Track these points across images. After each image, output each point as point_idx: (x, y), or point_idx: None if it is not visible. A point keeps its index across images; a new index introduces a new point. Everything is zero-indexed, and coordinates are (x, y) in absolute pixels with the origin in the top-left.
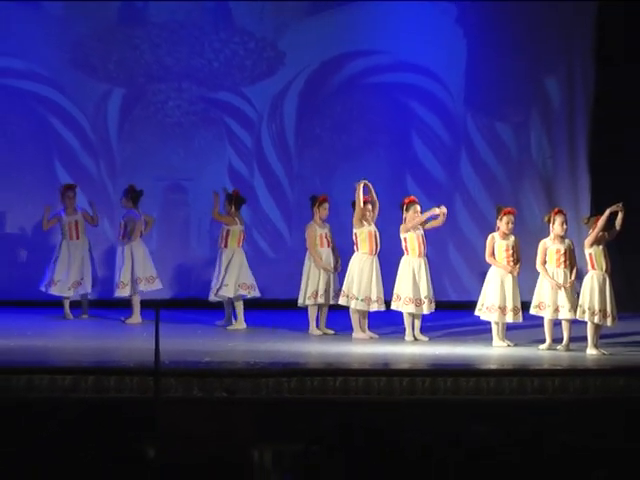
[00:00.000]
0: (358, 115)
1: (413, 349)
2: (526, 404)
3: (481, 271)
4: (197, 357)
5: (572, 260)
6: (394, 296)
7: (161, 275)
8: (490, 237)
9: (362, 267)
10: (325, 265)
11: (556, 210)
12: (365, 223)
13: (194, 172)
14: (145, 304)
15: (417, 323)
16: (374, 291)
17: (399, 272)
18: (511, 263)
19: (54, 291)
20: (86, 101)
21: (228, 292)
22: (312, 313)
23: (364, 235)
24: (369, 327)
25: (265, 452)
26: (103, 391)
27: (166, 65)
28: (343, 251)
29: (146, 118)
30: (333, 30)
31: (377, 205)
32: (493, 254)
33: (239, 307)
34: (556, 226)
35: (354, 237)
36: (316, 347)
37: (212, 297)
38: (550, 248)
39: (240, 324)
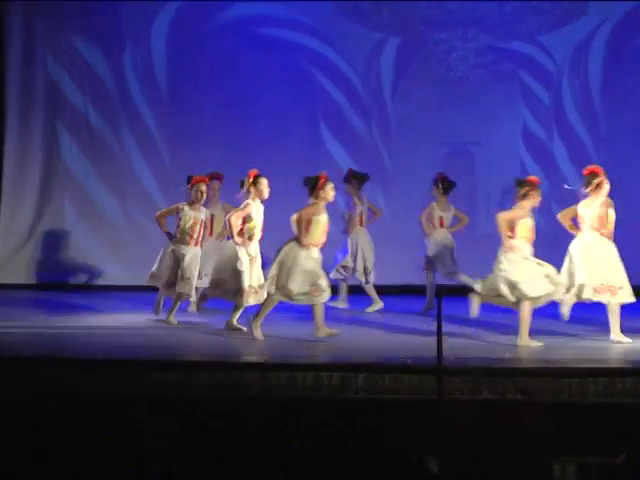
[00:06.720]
0: None
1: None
2: None
3: None
4: (486, 353)
5: None
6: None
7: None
8: None
9: None
10: None
11: None
12: None
13: (482, 135)
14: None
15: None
16: None
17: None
18: None
19: None
20: (355, 53)
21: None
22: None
23: None
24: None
25: (568, 465)
26: (376, 391)
27: (448, 9)
28: None
29: (425, 72)
30: None
31: None
32: None
33: None
34: None
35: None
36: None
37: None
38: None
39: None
